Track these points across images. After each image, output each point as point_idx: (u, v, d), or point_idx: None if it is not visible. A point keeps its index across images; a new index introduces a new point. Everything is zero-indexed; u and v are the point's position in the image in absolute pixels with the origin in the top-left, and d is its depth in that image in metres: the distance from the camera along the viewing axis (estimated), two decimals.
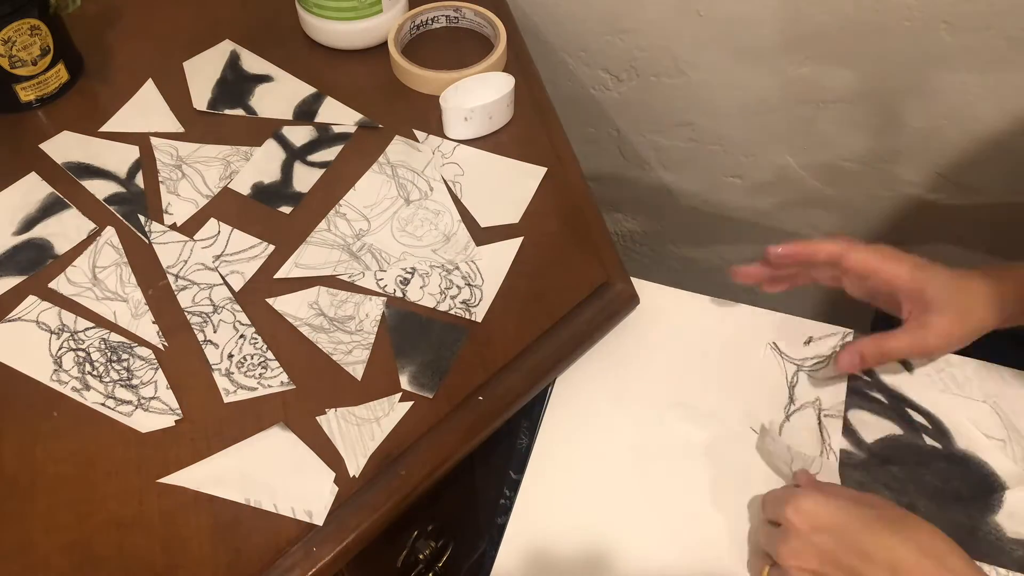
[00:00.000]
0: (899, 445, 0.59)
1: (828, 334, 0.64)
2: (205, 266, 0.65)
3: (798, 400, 0.61)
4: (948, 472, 0.57)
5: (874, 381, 0.62)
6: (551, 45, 0.95)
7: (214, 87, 0.78)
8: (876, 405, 0.61)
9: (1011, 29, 0.71)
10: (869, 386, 0.62)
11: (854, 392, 0.61)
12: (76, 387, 0.59)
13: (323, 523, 0.53)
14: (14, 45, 0.71)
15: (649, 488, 0.57)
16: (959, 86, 0.77)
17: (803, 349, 0.63)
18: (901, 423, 0.60)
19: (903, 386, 0.61)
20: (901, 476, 0.57)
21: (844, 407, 0.60)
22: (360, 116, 0.75)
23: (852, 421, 0.59)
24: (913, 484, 0.57)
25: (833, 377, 0.62)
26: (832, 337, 0.64)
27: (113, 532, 0.53)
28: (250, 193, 0.70)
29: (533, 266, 0.66)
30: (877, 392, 0.61)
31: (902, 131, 0.84)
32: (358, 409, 0.58)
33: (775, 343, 0.63)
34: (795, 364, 0.63)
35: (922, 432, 0.59)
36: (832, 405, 0.60)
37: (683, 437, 0.59)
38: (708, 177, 1.01)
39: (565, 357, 0.62)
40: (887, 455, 0.58)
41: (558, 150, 0.73)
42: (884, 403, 0.61)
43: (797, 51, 0.82)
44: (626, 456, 0.58)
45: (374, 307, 0.63)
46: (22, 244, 0.67)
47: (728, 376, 0.62)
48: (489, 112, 0.72)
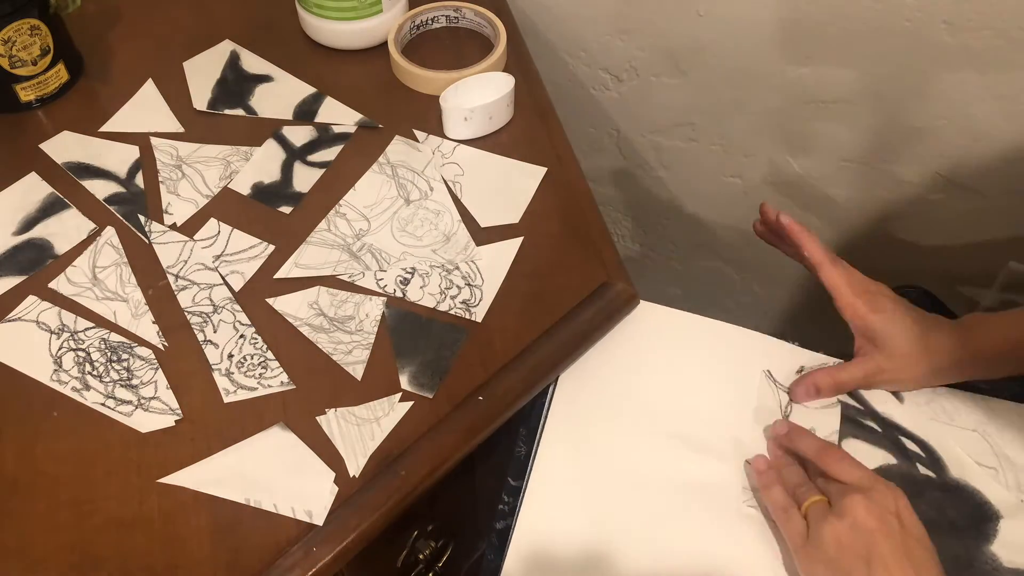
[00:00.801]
0: (894, 475, 0.58)
1: (819, 364, 0.64)
2: (205, 266, 0.65)
3: None
4: (943, 501, 0.57)
5: (867, 409, 0.62)
6: (551, 45, 0.95)
7: (214, 87, 0.78)
8: (870, 434, 0.61)
9: (1011, 29, 0.71)
10: (862, 414, 0.62)
11: (847, 420, 0.61)
12: (76, 387, 0.59)
13: (323, 523, 0.53)
14: (14, 45, 0.71)
15: (652, 495, 0.57)
16: (959, 86, 0.77)
17: (795, 379, 0.63)
18: (895, 452, 0.60)
19: (895, 414, 0.62)
20: None
21: (839, 436, 0.60)
22: (360, 116, 0.75)
23: (846, 450, 0.58)
24: None
25: (827, 405, 0.62)
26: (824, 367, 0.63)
27: (113, 532, 0.53)
28: (250, 193, 0.70)
29: (533, 266, 0.66)
30: (870, 420, 0.61)
31: (902, 131, 0.84)
32: (358, 409, 0.58)
33: (769, 371, 0.63)
34: (788, 393, 0.63)
35: (916, 461, 0.59)
36: (826, 435, 0.60)
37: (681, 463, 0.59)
38: (708, 177, 1.01)
39: (565, 357, 0.62)
40: None
41: (558, 150, 0.73)
42: (878, 431, 0.61)
43: (797, 51, 0.82)
44: (628, 464, 0.58)
45: (374, 307, 0.63)
46: (22, 244, 0.67)
47: (722, 402, 0.62)
48: (489, 112, 0.72)
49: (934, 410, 0.62)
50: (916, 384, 0.62)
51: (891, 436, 0.60)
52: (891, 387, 0.62)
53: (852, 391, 0.63)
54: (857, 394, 0.63)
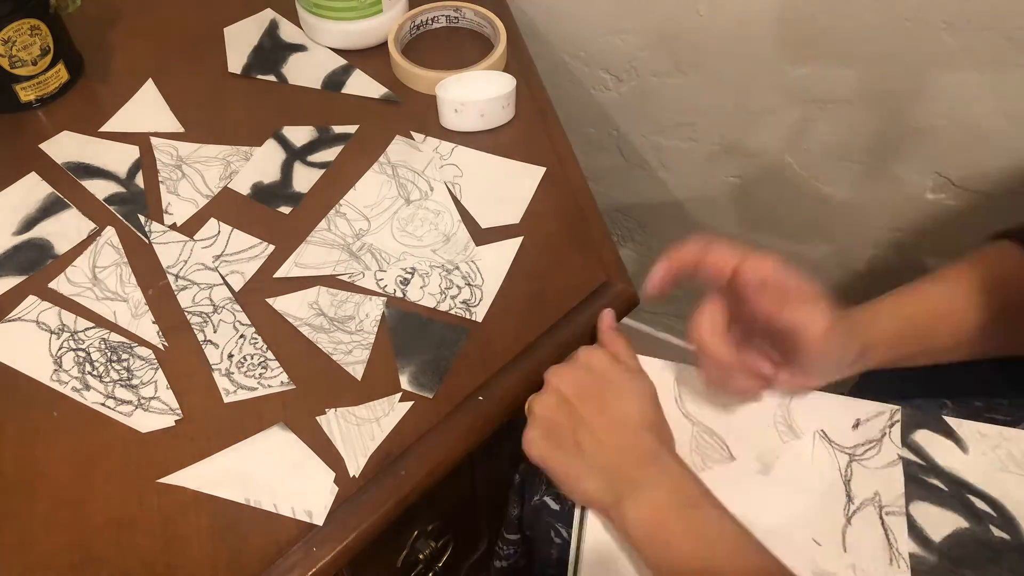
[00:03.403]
0: (967, 541, 0.54)
1: (876, 413, 0.58)
2: (205, 266, 0.65)
3: (856, 498, 0.55)
4: (1022, 567, 0.52)
5: (930, 466, 0.57)
6: (551, 45, 0.95)
7: (251, 53, 0.81)
8: (937, 495, 0.56)
9: (1011, 29, 0.71)
10: (926, 471, 0.57)
11: (912, 480, 0.56)
12: (76, 387, 0.59)
13: (323, 523, 0.53)
14: (14, 45, 0.71)
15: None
16: (959, 86, 0.77)
17: (852, 434, 0.58)
18: (965, 514, 0.55)
19: (960, 468, 0.57)
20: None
21: (905, 500, 0.55)
22: (385, 90, 0.77)
23: (916, 517, 0.55)
24: None
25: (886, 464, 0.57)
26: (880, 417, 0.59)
27: (113, 532, 0.53)
28: (250, 193, 0.70)
29: (533, 266, 0.66)
30: (935, 478, 0.56)
31: (902, 131, 0.84)
32: (358, 409, 0.58)
33: (823, 431, 0.58)
34: (847, 454, 0.57)
35: (988, 522, 0.55)
36: (892, 500, 0.55)
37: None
38: (708, 177, 1.01)
39: (565, 357, 0.62)
40: (957, 555, 0.54)
41: (558, 150, 0.73)
42: (944, 491, 0.56)
43: (797, 51, 0.82)
44: None
45: (374, 307, 0.63)
46: (22, 244, 0.67)
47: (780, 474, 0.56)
48: (480, 109, 0.72)
49: (1001, 459, 0.57)
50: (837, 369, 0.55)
51: (959, 495, 0.55)
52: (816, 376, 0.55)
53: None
54: (917, 447, 0.58)
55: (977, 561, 0.53)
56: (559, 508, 0.57)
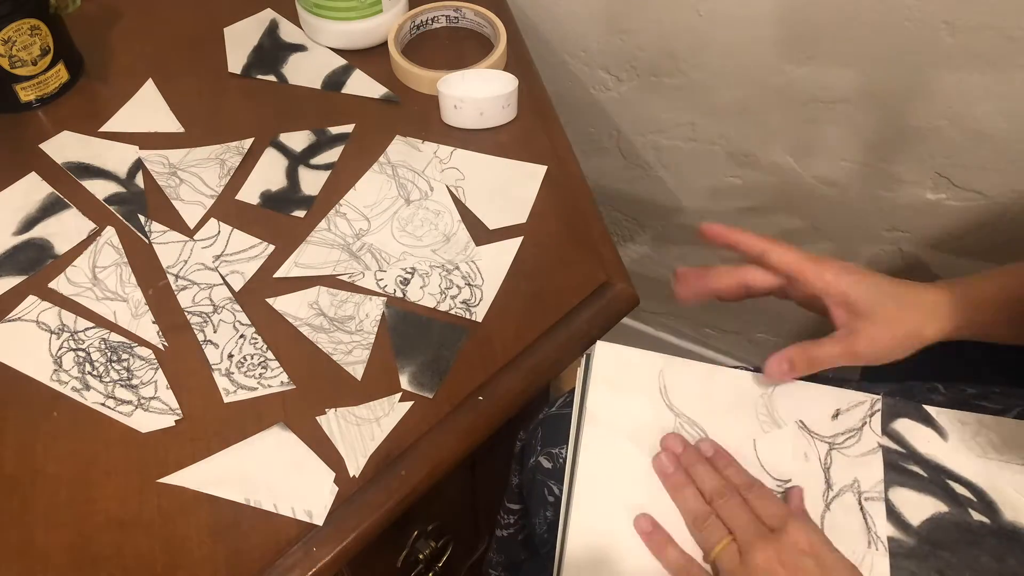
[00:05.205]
0: (946, 525, 0.54)
1: (857, 403, 0.59)
2: (205, 266, 0.65)
3: (836, 484, 0.56)
4: (1001, 550, 0.53)
5: (910, 453, 0.57)
6: (551, 45, 0.95)
7: (251, 53, 0.80)
8: (916, 480, 0.56)
9: (1011, 29, 0.71)
10: (905, 459, 0.57)
11: (891, 467, 0.57)
12: (76, 387, 0.59)
13: (323, 523, 0.53)
14: (14, 45, 0.71)
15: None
16: (959, 86, 0.77)
17: (832, 424, 0.58)
18: (945, 498, 0.56)
19: (940, 455, 0.57)
20: (955, 562, 0.53)
21: (884, 486, 0.56)
22: (385, 90, 0.77)
23: (894, 501, 0.55)
24: (969, 570, 0.53)
25: (866, 452, 0.58)
26: (860, 407, 0.59)
27: (113, 532, 0.53)
28: (259, 202, 0.70)
29: (533, 266, 0.66)
30: (915, 464, 0.57)
31: (902, 131, 0.84)
32: (358, 409, 0.58)
33: (802, 421, 0.58)
34: (827, 443, 0.58)
35: (967, 506, 0.55)
36: (871, 486, 0.56)
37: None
38: (708, 177, 1.01)
39: (565, 357, 0.62)
40: (936, 539, 0.54)
41: (558, 150, 0.73)
42: (924, 476, 0.56)
43: (797, 51, 0.82)
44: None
45: (374, 307, 0.63)
46: (22, 244, 0.67)
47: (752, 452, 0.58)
48: (480, 108, 0.72)
49: (981, 445, 0.57)
50: (902, 349, 0.56)
51: (938, 480, 0.56)
52: (875, 355, 0.56)
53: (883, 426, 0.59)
54: (897, 435, 0.58)
55: (956, 544, 0.54)
56: (551, 466, 0.57)
